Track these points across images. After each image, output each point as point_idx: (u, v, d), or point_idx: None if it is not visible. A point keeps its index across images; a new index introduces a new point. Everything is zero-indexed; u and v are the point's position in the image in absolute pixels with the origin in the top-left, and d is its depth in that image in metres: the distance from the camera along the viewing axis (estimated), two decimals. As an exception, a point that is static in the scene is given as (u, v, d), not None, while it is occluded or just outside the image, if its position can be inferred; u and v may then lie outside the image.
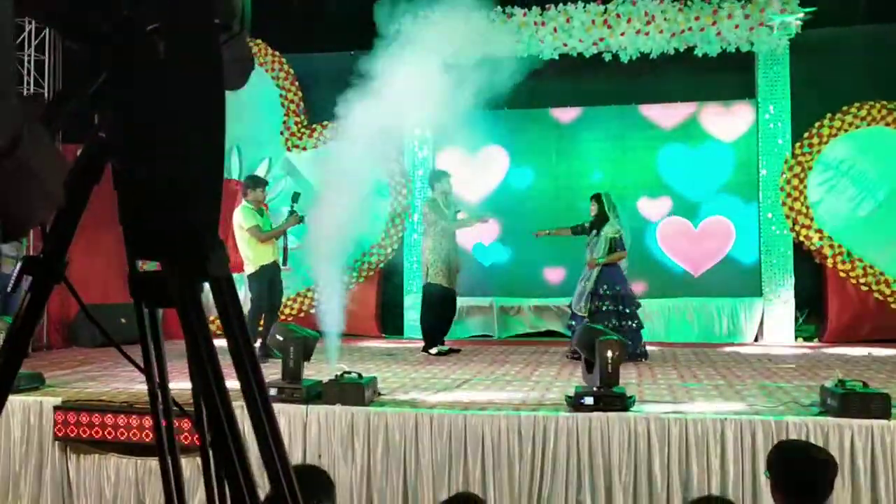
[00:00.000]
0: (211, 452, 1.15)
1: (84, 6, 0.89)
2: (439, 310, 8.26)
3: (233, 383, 1.05)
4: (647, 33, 9.28)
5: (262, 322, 7.44)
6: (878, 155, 9.13)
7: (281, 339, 5.27)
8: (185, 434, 3.90)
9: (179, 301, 0.99)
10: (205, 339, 1.03)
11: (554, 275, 9.98)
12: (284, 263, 7.98)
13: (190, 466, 4.48)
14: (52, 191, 0.76)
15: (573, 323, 7.78)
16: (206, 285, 1.04)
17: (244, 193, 7.79)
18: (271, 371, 6.24)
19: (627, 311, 7.63)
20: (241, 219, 7.62)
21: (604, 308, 7.59)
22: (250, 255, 7.62)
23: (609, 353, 4.82)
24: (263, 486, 1.14)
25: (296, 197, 7.89)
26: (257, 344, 6.59)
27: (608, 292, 7.63)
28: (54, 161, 0.78)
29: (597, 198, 7.94)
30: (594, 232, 7.85)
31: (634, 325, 7.63)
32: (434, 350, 8.10)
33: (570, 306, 8.00)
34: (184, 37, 0.92)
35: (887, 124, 9.16)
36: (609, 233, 7.72)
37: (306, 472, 2.64)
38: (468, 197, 9.90)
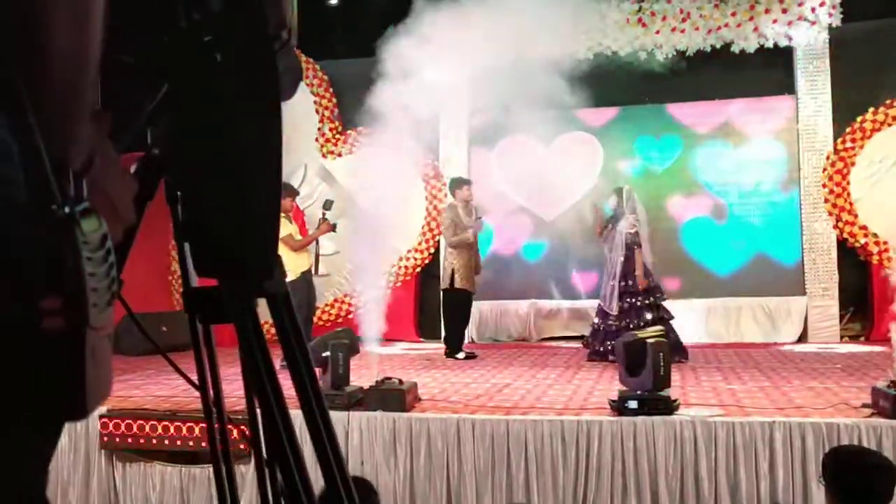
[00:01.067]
0: (267, 469, 1.15)
1: (143, 19, 0.88)
2: (463, 314, 8.28)
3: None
4: (682, 31, 9.17)
5: None
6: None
7: (325, 345, 5.28)
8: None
9: (239, 318, 0.97)
10: (263, 354, 1.02)
11: (587, 277, 9.90)
12: (316, 272, 7.99)
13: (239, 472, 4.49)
14: (122, 209, 0.74)
15: (597, 321, 7.70)
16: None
17: None
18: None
19: (658, 303, 7.53)
20: None
21: (637, 303, 7.49)
22: (287, 263, 7.60)
23: (661, 355, 4.76)
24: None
25: (328, 204, 7.90)
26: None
27: (633, 287, 7.53)
28: (124, 180, 0.76)
29: (617, 191, 7.85)
30: (610, 227, 7.75)
31: (667, 316, 7.53)
32: (462, 354, 8.06)
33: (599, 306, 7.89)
34: (241, 48, 0.90)
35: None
36: (624, 228, 7.60)
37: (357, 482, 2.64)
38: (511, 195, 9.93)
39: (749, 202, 9.65)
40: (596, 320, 7.78)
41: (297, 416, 1.08)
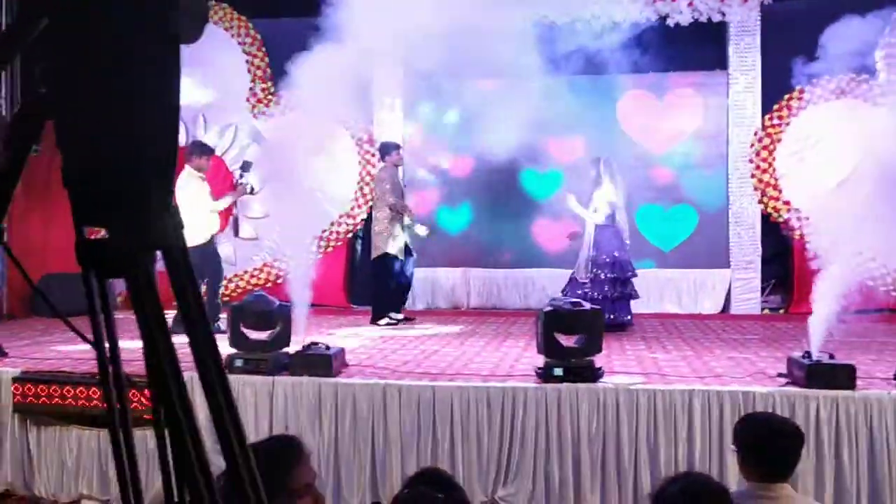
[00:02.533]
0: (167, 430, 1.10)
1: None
2: (396, 281, 8.19)
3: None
4: (618, 1, 9.20)
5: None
6: (847, 128, 9.16)
7: (247, 309, 5.19)
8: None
9: (127, 271, 0.91)
10: (155, 312, 0.96)
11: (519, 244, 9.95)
12: (236, 234, 7.85)
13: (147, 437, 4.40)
14: None
15: (567, 290, 7.74)
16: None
17: (187, 159, 7.42)
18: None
19: (622, 278, 7.62)
20: (186, 187, 7.20)
21: (602, 276, 7.57)
22: (197, 226, 7.30)
23: (587, 325, 4.82)
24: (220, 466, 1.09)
25: (246, 166, 7.72)
26: (223, 316, 6.46)
27: (607, 259, 7.61)
28: None
29: (594, 162, 7.88)
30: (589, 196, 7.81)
31: (627, 292, 7.64)
32: (384, 321, 8.02)
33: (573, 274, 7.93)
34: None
35: (856, 97, 9.19)
36: (598, 197, 7.66)
37: (277, 441, 2.59)
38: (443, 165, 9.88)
39: (681, 176, 9.78)
40: (566, 289, 7.78)
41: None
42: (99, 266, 1.01)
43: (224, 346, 6.20)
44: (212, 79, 9.53)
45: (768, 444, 2.58)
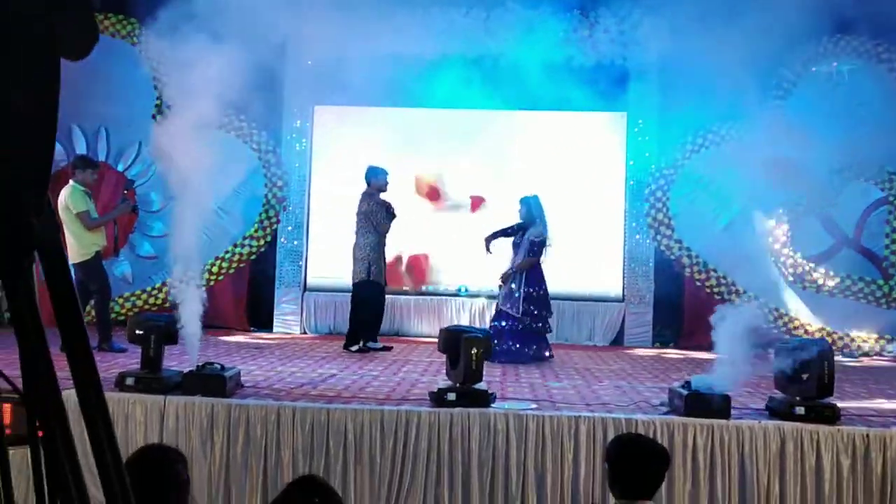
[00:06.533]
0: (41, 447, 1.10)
1: None
2: (375, 308, 8.10)
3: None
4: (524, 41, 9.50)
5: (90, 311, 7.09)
6: (735, 171, 9.66)
7: (140, 327, 5.12)
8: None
9: (5, 276, 0.96)
10: (32, 319, 0.99)
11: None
12: (116, 253, 7.72)
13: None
14: None
15: (498, 323, 7.84)
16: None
17: (72, 173, 7.27)
18: (131, 360, 6.06)
19: (544, 313, 7.85)
20: (70, 201, 7.02)
21: (534, 311, 7.76)
22: (79, 240, 7.02)
23: (473, 351, 4.94)
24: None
25: (129, 185, 7.65)
26: (121, 334, 6.32)
27: (538, 293, 7.82)
28: None
29: (524, 201, 8.03)
30: (521, 234, 7.96)
31: (546, 327, 7.87)
32: (355, 348, 7.95)
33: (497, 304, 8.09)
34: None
35: (742, 142, 9.70)
36: (533, 235, 7.85)
37: (153, 450, 2.60)
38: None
39: (581, 212, 10.05)
40: (498, 323, 7.89)
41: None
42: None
43: (126, 360, 6.09)
44: (115, 93, 9.39)
45: (633, 462, 2.75)
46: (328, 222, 10.04)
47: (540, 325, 7.83)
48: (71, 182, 7.16)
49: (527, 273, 7.83)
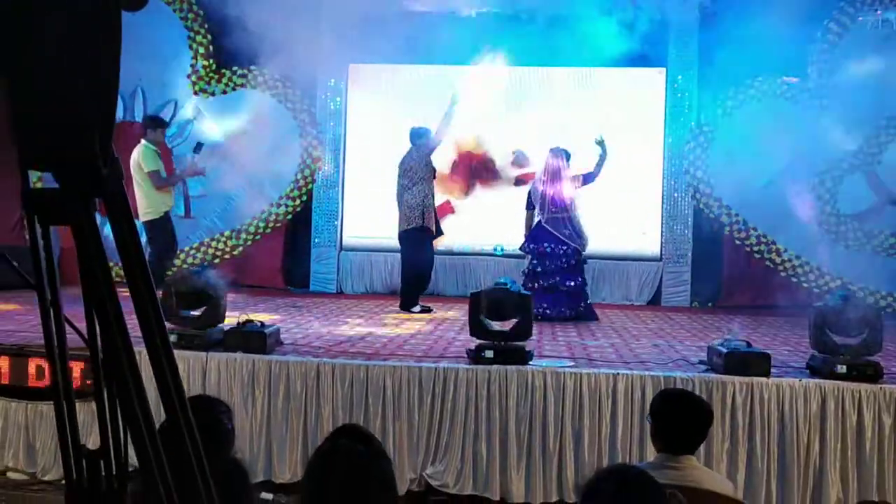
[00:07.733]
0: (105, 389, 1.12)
1: None
2: (429, 255, 8.04)
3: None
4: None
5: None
6: (777, 128, 9.48)
7: (190, 285, 5.19)
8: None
9: (72, 219, 0.97)
10: (100, 259, 1.01)
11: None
12: (187, 214, 7.76)
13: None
14: None
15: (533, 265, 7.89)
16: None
17: (143, 133, 7.39)
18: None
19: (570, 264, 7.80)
20: (142, 160, 7.18)
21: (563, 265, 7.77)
22: (149, 199, 7.22)
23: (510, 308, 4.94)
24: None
25: (198, 148, 7.69)
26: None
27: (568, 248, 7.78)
28: None
29: (558, 152, 8.03)
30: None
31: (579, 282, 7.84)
32: (417, 308, 7.86)
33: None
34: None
35: (786, 99, 9.51)
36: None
37: (201, 400, 2.66)
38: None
39: (619, 170, 9.93)
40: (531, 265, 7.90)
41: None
42: (43, 213, 1.06)
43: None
44: (150, 54, 9.41)
45: (678, 416, 2.75)
46: (364, 181, 10.05)
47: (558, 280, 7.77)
48: (143, 141, 7.28)
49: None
